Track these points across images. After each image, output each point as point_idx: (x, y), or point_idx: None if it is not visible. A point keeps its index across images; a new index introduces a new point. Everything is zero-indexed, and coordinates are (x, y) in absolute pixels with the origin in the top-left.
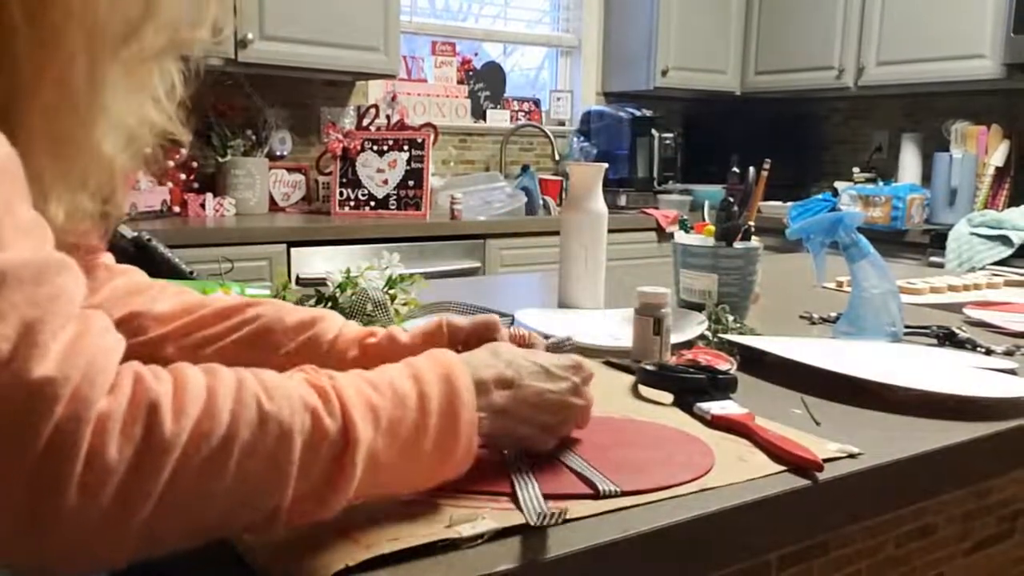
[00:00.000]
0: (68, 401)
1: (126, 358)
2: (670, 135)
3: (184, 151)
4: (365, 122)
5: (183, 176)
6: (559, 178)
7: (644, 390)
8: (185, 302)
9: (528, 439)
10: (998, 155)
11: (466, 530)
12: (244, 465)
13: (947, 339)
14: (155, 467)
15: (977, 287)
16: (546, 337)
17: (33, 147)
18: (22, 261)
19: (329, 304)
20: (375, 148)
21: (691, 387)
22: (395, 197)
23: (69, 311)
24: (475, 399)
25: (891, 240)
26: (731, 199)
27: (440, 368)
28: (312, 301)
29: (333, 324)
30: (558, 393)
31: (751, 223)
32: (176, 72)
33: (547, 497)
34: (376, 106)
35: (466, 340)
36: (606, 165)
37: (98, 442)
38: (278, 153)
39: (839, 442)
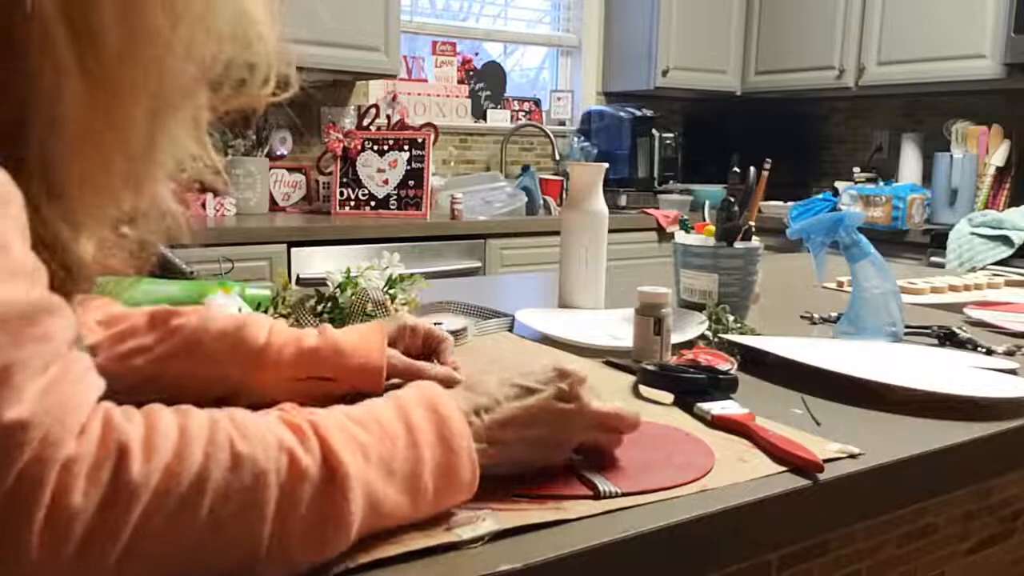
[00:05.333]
0: (37, 445)
1: None
2: (670, 135)
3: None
4: (365, 122)
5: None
6: (559, 178)
7: (644, 390)
8: (110, 313)
9: (530, 460)
10: (999, 155)
11: (466, 532)
12: (217, 508)
13: (948, 339)
14: (123, 510)
15: (978, 287)
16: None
17: (79, 186)
18: (10, 302)
19: (329, 304)
20: (375, 148)
21: (691, 387)
22: (395, 197)
23: (53, 352)
24: (466, 425)
25: (891, 240)
26: (731, 199)
27: (425, 400)
28: (313, 301)
29: (261, 326)
30: (542, 403)
31: (752, 223)
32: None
33: (547, 497)
34: (376, 106)
35: (408, 349)
36: (606, 165)
37: (63, 485)
38: (278, 153)
39: (840, 442)
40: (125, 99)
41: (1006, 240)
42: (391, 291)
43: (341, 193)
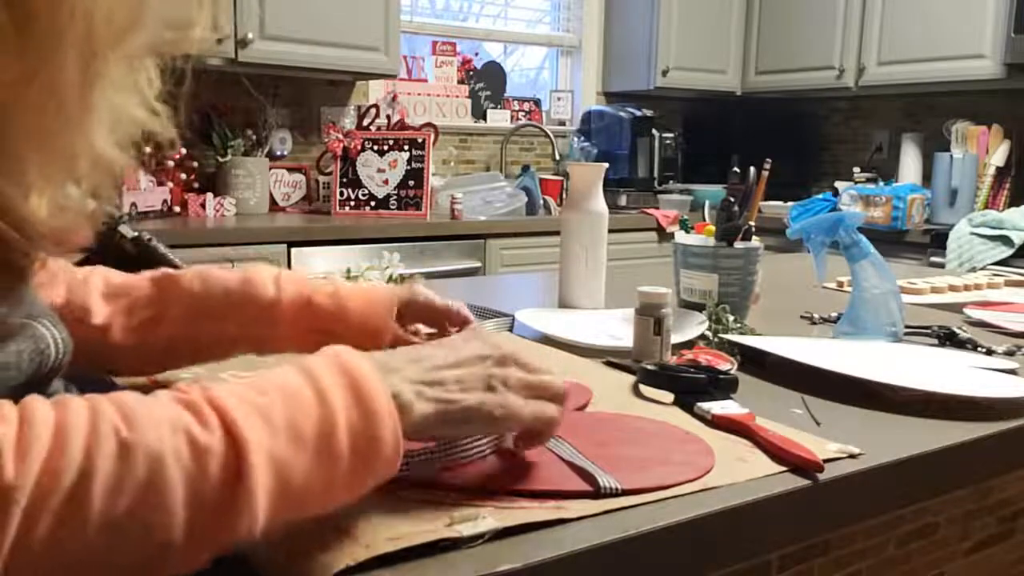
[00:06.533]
0: None
1: (77, 351)
2: (670, 135)
3: (183, 151)
4: (365, 122)
5: (183, 176)
6: (559, 178)
7: (645, 390)
8: (111, 284)
9: (476, 410)
10: (999, 155)
11: (467, 529)
12: (110, 502)
13: (948, 339)
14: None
15: (978, 287)
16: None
17: (18, 144)
18: None
19: None
20: (375, 148)
21: (692, 387)
22: (395, 197)
23: None
24: (382, 379)
25: (891, 240)
26: (731, 199)
27: (334, 361)
28: None
29: (266, 282)
30: (465, 348)
31: (751, 223)
32: (156, 70)
33: (547, 495)
34: (376, 106)
35: (418, 318)
36: (606, 165)
37: None
38: (278, 153)
39: (839, 442)
40: (55, 47)
41: (1006, 240)
42: None
43: (341, 193)
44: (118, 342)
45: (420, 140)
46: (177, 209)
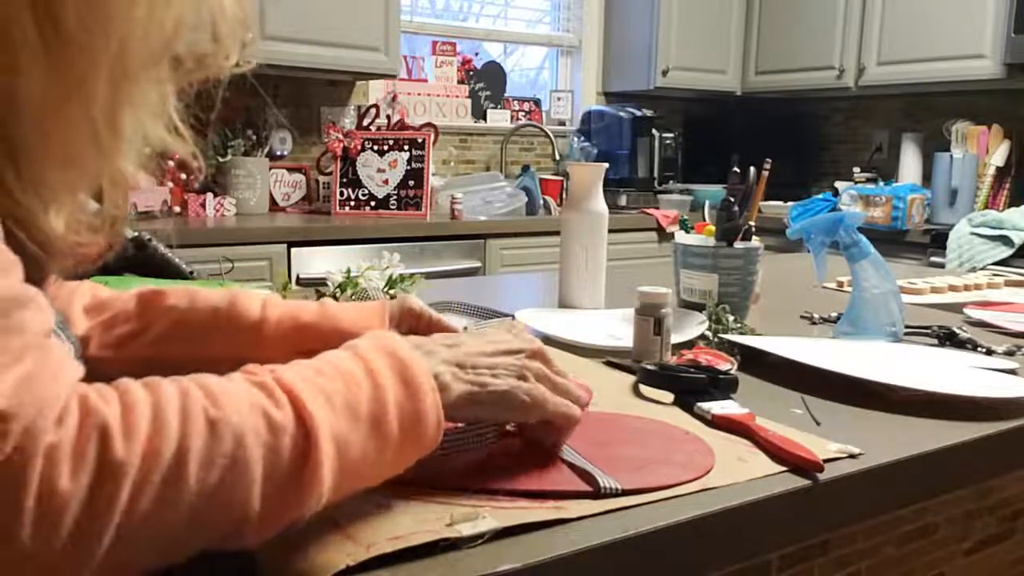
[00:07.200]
0: (18, 436)
1: None
2: (670, 135)
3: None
4: (365, 122)
5: (183, 176)
6: (559, 178)
7: (645, 390)
8: (97, 299)
9: (505, 394)
10: (999, 155)
11: (467, 529)
12: (202, 477)
13: (948, 339)
14: (112, 491)
15: (978, 287)
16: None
17: (45, 160)
18: None
19: None
20: (375, 148)
21: (692, 387)
22: (395, 197)
23: (27, 344)
24: (424, 360)
25: (891, 240)
26: (731, 199)
27: (380, 344)
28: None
29: (253, 300)
30: (500, 339)
31: (751, 223)
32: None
33: (547, 495)
34: (376, 106)
35: (410, 330)
36: (606, 165)
37: (49, 475)
38: (278, 153)
39: (840, 442)
40: (86, 69)
41: (1006, 240)
42: (391, 291)
43: (341, 193)
44: (93, 355)
45: (420, 140)
46: (177, 209)
